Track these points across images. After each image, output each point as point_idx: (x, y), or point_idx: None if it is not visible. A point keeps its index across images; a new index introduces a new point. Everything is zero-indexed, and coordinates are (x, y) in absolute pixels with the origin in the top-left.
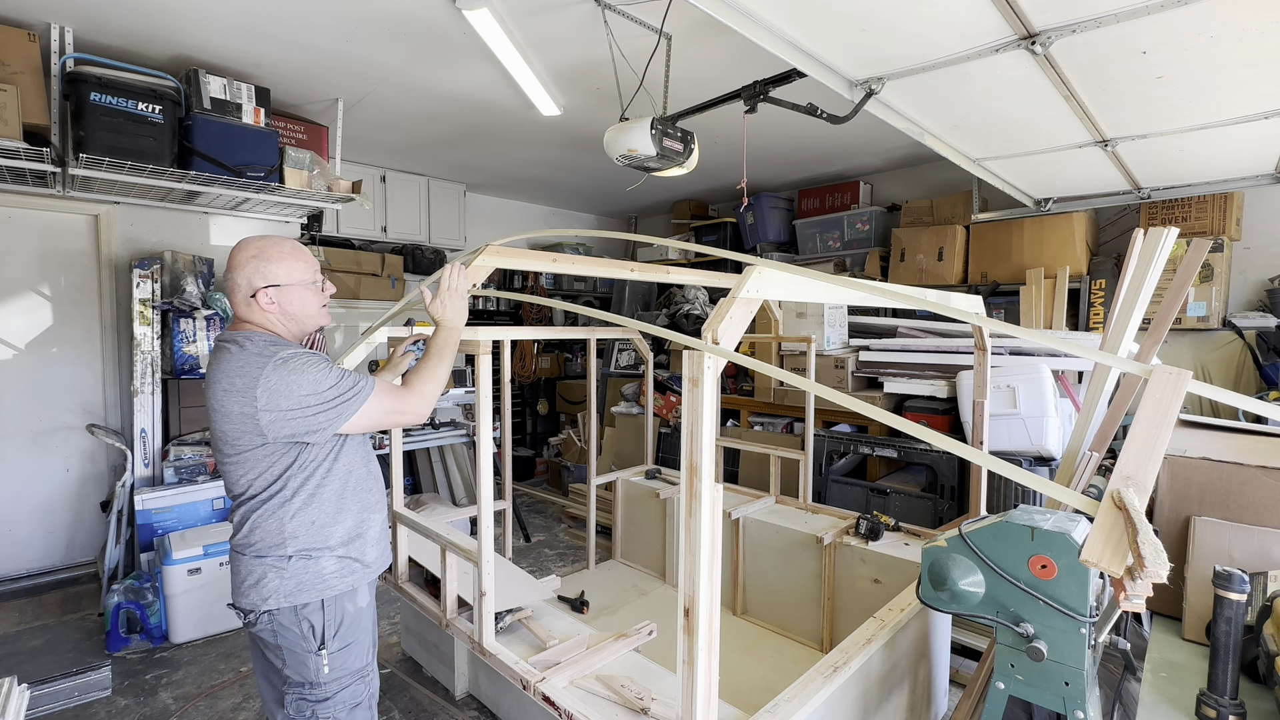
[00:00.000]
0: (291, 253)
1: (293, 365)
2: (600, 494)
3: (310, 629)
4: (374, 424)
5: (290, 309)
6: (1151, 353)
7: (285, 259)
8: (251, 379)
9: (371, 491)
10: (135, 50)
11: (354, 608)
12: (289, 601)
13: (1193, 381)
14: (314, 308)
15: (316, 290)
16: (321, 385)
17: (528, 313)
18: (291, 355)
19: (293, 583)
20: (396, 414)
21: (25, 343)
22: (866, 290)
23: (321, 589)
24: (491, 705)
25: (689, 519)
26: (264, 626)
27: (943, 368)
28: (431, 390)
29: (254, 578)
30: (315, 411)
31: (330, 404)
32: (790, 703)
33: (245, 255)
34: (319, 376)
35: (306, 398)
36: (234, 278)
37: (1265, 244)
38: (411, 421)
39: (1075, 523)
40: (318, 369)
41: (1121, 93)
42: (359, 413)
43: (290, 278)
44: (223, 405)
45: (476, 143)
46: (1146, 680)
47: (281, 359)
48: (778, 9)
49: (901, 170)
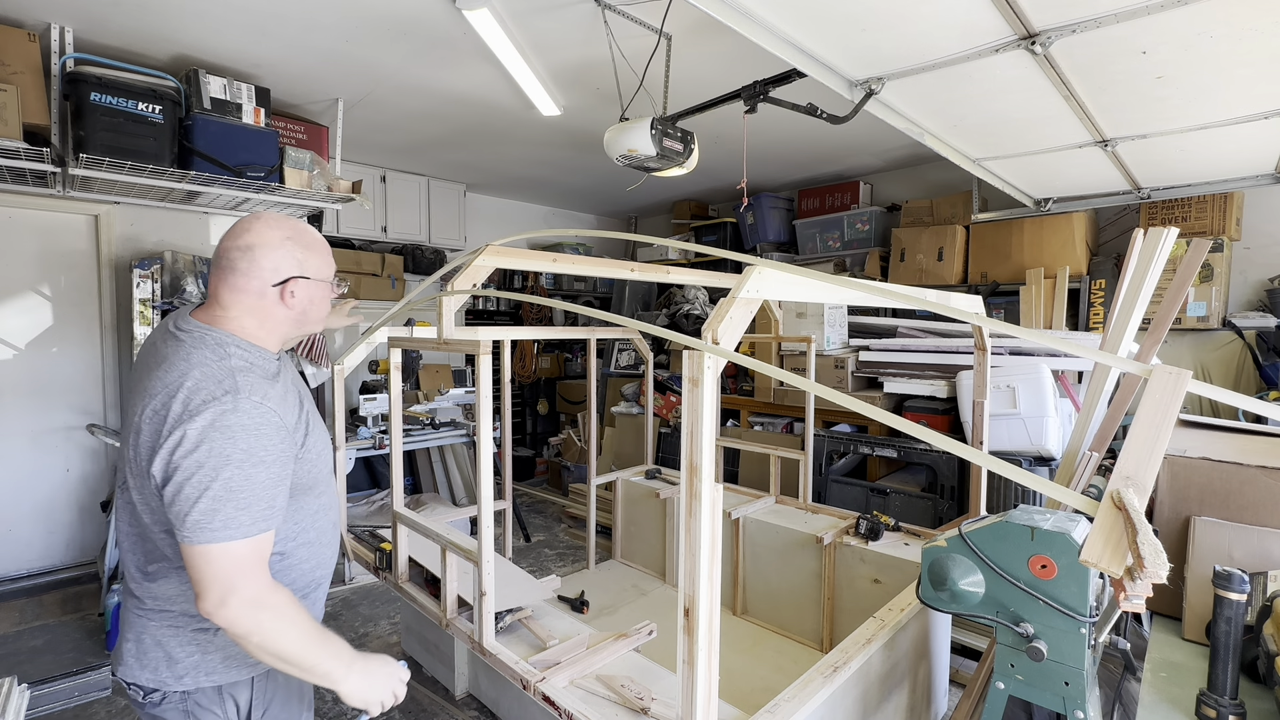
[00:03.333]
0: (323, 244)
1: (220, 431)
2: (600, 494)
3: (235, 709)
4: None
5: (310, 310)
6: (1151, 353)
7: (319, 250)
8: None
9: (326, 544)
10: (135, 50)
11: (294, 680)
12: (211, 680)
13: (1193, 381)
14: (322, 312)
15: (329, 296)
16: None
17: (528, 313)
18: (230, 416)
19: (218, 656)
20: (224, 587)
21: (25, 343)
22: (866, 290)
23: (255, 662)
24: (491, 705)
25: (689, 519)
26: (172, 706)
27: (943, 368)
28: (269, 641)
29: (163, 651)
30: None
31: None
32: (790, 703)
33: (278, 234)
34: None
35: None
36: (257, 258)
37: (1265, 244)
38: (213, 607)
39: (1075, 523)
40: (220, 460)
41: (1121, 93)
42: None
43: (321, 272)
44: (140, 423)
45: (476, 143)
46: (1146, 680)
47: (210, 419)
48: (778, 9)
49: (901, 170)
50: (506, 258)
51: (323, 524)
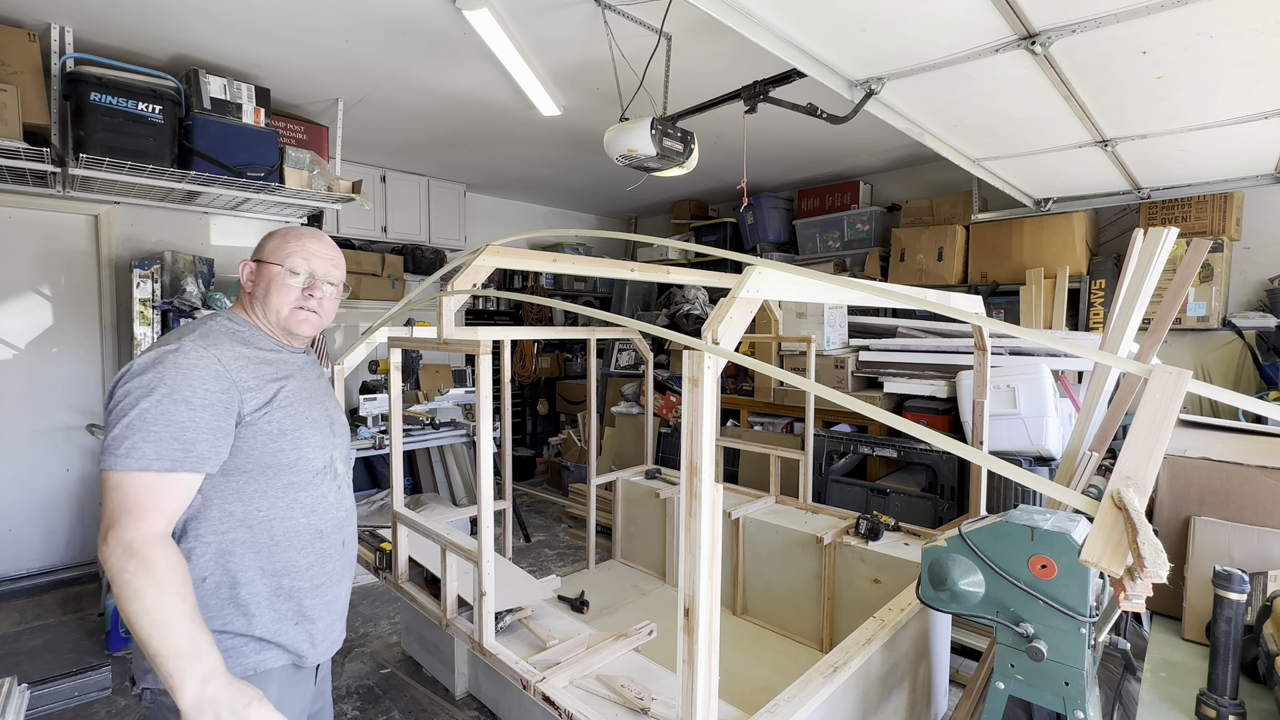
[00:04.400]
0: (292, 236)
1: (146, 369)
2: (600, 494)
3: None
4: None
5: (271, 296)
6: (1151, 353)
7: (277, 238)
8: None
9: (300, 549)
10: (135, 50)
11: (272, 695)
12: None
13: (1193, 381)
14: (279, 300)
15: (286, 285)
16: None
17: (528, 313)
18: (170, 355)
19: None
20: (111, 520)
21: (25, 343)
22: (866, 290)
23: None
24: (491, 705)
25: (689, 519)
26: (150, 705)
27: (943, 368)
28: (125, 596)
29: (137, 647)
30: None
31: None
32: (790, 703)
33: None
34: (132, 396)
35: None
36: None
37: (1265, 244)
38: (100, 541)
39: (1075, 523)
40: (144, 390)
41: (1121, 93)
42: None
43: (273, 256)
44: None
45: (476, 143)
46: (1146, 680)
47: (154, 356)
48: (778, 9)
49: (901, 170)
50: (506, 258)
51: (297, 524)
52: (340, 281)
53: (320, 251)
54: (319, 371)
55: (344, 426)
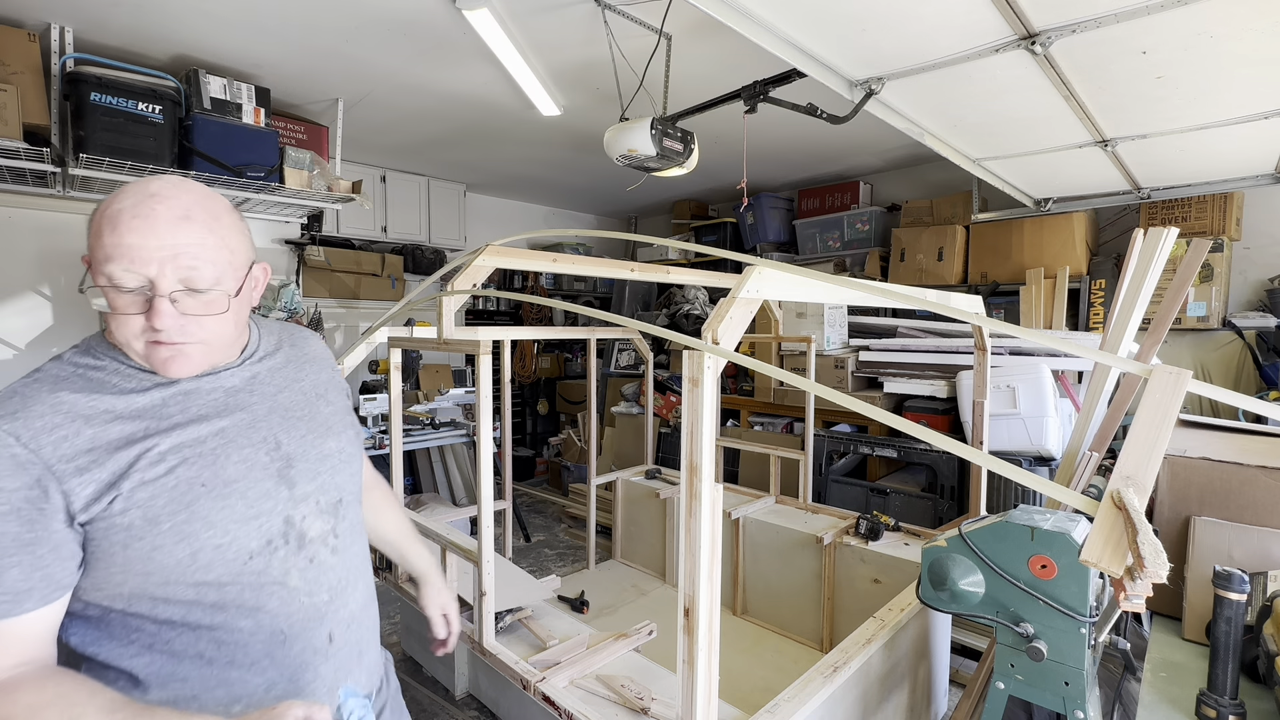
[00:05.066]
0: (106, 222)
1: None
2: (600, 494)
3: None
4: None
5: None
6: (1151, 353)
7: (95, 218)
8: None
9: (251, 664)
10: (135, 50)
11: None
12: None
13: (1193, 381)
14: (122, 332)
15: (118, 305)
16: None
17: (528, 313)
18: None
19: None
20: None
21: (25, 343)
22: (866, 290)
23: None
24: (491, 705)
25: (689, 519)
26: None
27: (943, 368)
28: None
29: None
30: None
31: None
32: (790, 703)
33: None
34: None
35: None
36: None
37: (1265, 244)
38: None
39: (1075, 523)
40: None
41: (1121, 93)
42: None
43: (92, 256)
44: None
45: (476, 143)
46: (1146, 680)
47: None
48: (778, 9)
49: (901, 170)
50: (506, 258)
51: (237, 634)
52: (214, 276)
53: (149, 243)
54: (293, 377)
55: (330, 455)
